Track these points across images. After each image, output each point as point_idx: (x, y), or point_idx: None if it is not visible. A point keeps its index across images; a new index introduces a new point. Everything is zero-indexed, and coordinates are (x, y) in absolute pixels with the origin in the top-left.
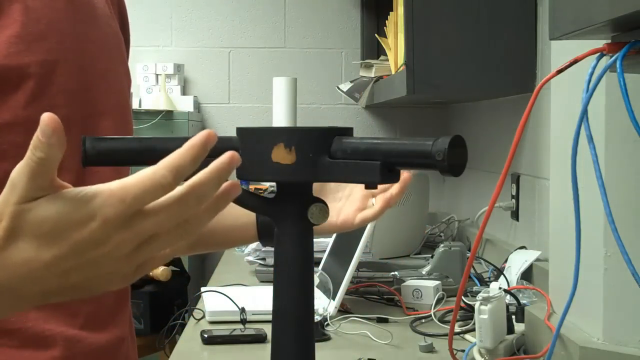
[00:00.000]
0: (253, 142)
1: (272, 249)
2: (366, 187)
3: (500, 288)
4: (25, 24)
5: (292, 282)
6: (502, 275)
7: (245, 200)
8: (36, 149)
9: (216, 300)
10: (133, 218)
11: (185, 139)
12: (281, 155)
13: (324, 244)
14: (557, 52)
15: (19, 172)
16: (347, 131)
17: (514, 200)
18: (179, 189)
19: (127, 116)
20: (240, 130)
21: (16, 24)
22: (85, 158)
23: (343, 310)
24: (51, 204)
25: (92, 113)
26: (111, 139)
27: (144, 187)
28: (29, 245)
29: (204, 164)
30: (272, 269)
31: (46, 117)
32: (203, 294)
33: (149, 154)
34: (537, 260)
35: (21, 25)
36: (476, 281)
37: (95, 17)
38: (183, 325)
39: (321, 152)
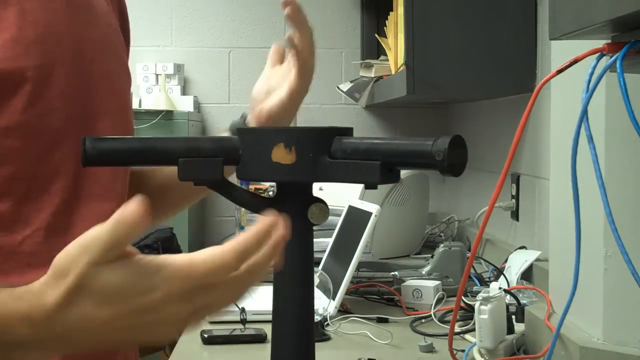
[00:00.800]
0: (253, 142)
1: None
2: (366, 187)
3: (500, 288)
4: (21, 27)
5: (292, 282)
6: (502, 275)
7: (245, 200)
8: (122, 223)
9: None
10: (193, 292)
11: (186, 139)
12: (281, 155)
13: (324, 244)
14: (557, 52)
15: (96, 237)
16: (347, 131)
17: (514, 200)
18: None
19: (128, 116)
20: (240, 130)
21: (13, 28)
22: (85, 158)
23: (343, 310)
24: (119, 271)
25: (91, 114)
26: (111, 139)
27: (210, 267)
28: (89, 304)
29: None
30: (272, 269)
31: (136, 206)
32: None
33: (150, 154)
34: (537, 260)
35: (18, 28)
36: (476, 281)
37: (94, 17)
38: None
39: (321, 152)
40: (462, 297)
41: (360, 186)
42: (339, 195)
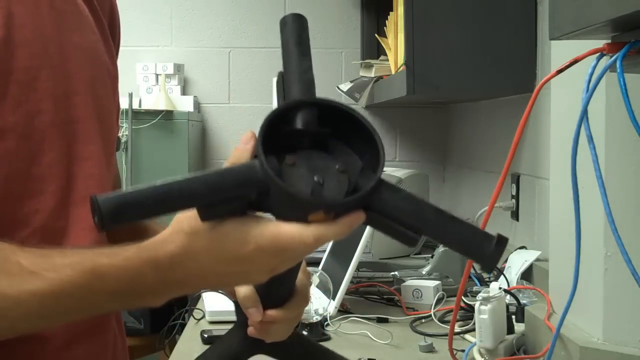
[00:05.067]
0: (287, 203)
1: None
2: None
3: (500, 288)
4: (9, 29)
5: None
6: (502, 275)
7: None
8: None
9: (216, 300)
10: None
11: (206, 180)
12: (319, 217)
13: None
14: (557, 52)
15: None
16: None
17: (514, 200)
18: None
19: (111, 123)
20: (273, 182)
21: (1, 30)
22: (101, 222)
23: (343, 310)
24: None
25: (74, 119)
26: (124, 194)
27: (291, 244)
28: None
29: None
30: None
31: None
32: (203, 294)
33: (168, 202)
34: (537, 260)
35: (5, 30)
36: (476, 281)
37: (79, 23)
38: (183, 325)
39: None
40: (462, 297)
41: None
42: None
